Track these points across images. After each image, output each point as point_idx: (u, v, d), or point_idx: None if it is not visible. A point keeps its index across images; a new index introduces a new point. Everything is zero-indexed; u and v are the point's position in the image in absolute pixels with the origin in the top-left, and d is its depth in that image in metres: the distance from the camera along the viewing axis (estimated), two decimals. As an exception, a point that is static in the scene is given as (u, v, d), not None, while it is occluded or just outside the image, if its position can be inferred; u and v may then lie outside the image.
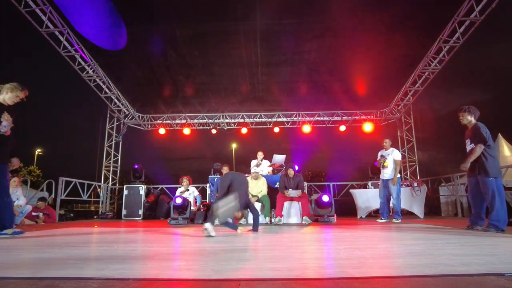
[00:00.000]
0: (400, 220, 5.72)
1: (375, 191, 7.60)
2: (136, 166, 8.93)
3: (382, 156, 6.12)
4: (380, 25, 6.72)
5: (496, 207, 3.54)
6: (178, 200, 5.70)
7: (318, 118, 10.68)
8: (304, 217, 5.59)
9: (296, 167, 6.16)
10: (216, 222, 3.67)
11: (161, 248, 2.56)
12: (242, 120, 10.76)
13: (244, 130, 10.63)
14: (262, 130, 10.98)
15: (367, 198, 7.43)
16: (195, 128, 10.99)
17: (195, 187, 7.35)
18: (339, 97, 9.77)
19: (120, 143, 10.67)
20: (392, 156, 5.95)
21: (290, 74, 8.49)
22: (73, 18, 6.19)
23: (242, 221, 5.69)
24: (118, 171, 10.52)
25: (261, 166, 6.72)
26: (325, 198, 5.59)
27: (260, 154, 6.78)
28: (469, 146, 3.85)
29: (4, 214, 3.45)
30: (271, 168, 6.88)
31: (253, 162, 6.77)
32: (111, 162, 10.27)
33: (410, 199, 6.95)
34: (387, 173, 5.96)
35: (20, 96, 3.50)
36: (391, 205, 6.11)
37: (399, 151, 6.07)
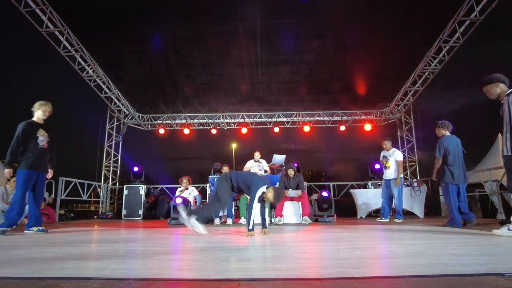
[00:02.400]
0: (401, 220, 5.73)
1: (375, 191, 7.61)
2: (136, 169, 8.89)
3: (384, 157, 6.14)
4: (380, 25, 6.73)
5: (450, 208, 4.36)
6: (178, 200, 5.68)
7: (318, 118, 10.67)
8: (304, 217, 5.59)
9: (296, 164, 6.16)
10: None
11: (161, 248, 2.56)
12: (242, 120, 10.76)
13: (244, 130, 10.63)
14: (262, 130, 10.99)
15: (367, 198, 7.43)
16: (195, 128, 10.99)
17: (195, 187, 7.34)
18: (339, 97, 9.78)
19: (120, 143, 10.67)
20: (393, 157, 5.98)
21: (290, 74, 8.49)
22: None
23: (242, 220, 5.69)
24: (118, 171, 10.52)
25: (257, 167, 6.66)
26: (325, 193, 5.82)
27: (257, 155, 6.75)
28: None
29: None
30: (268, 168, 6.84)
31: (249, 163, 6.74)
32: (111, 162, 10.27)
33: (410, 199, 6.96)
34: (389, 173, 5.98)
35: (47, 110, 4.03)
36: (393, 205, 6.12)
37: (400, 151, 6.10)
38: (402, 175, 5.98)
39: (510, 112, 3.04)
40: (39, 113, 4.00)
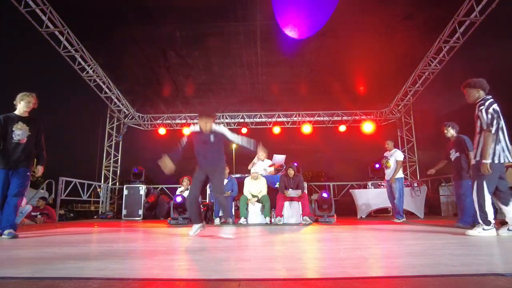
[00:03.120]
0: (401, 220, 5.73)
1: (375, 191, 7.62)
2: (135, 170, 8.88)
3: (385, 157, 6.17)
4: (380, 25, 6.72)
5: (468, 207, 4.13)
6: (179, 199, 5.71)
7: (318, 118, 10.67)
8: (304, 217, 5.58)
9: (295, 164, 6.16)
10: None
11: (161, 248, 2.56)
12: (242, 120, 10.75)
13: (244, 130, 10.62)
14: (262, 130, 10.97)
15: (367, 198, 7.43)
16: (195, 128, 10.96)
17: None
18: (339, 97, 9.77)
19: (120, 143, 10.66)
20: (394, 157, 5.99)
21: (290, 74, 8.48)
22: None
23: (242, 220, 5.69)
24: (118, 171, 10.52)
25: (261, 166, 6.65)
26: (325, 194, 5.82)
27: (261, 154, 6.73)
28: (454, 155, 4.43)
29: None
30: (272, 168, 6.83)
31: (254, 160, 6.73)
32: (111, 162, 10.26)
33: (410, 199, 6.96)
34: (389, 174, 6.00)
35: (31, 101, 3.68)
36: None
37: (400, 151, 6.11)
38: (402, 175, 5.99)
39: (480, 121, 3.12)
40: (22, 104, 3.66)
